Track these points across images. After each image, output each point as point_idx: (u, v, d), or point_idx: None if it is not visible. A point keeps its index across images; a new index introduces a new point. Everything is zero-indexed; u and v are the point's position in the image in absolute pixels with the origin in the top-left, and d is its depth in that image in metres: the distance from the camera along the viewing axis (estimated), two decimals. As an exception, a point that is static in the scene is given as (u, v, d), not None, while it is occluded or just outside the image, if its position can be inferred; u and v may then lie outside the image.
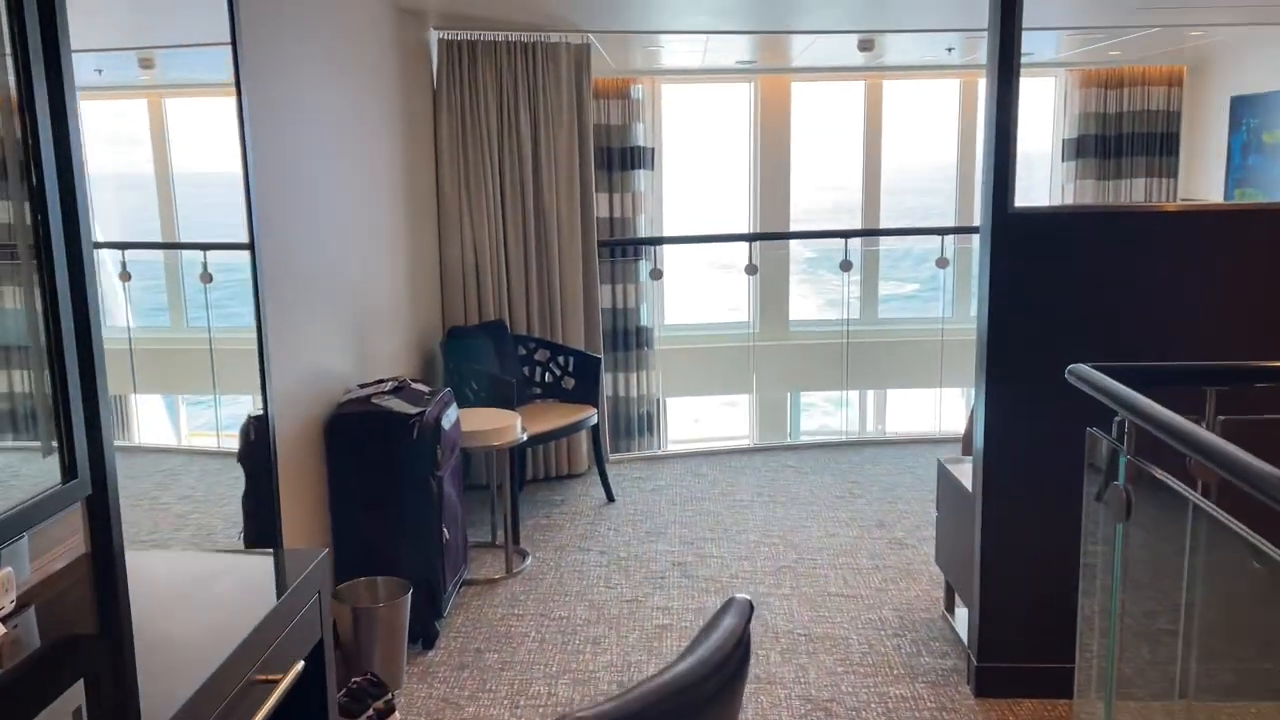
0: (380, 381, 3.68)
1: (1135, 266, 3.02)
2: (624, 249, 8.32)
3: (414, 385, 3.72)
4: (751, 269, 5.96)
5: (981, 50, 7.20)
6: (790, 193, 8.52)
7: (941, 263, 5.94)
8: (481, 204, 5.04)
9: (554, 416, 4.79)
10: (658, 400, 8.58)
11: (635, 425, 8.03)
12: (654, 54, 7.02)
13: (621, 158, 8.17)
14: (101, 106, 2.16)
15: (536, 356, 5.15)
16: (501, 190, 5.11)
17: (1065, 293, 3.04)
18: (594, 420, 4.94)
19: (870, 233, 8.57)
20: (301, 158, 3.25)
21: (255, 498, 2.79)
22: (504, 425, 4.08)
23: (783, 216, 8.51)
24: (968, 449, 5.36)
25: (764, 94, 8.29)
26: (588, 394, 5.01)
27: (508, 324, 5.15)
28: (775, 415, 9.16)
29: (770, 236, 8.41)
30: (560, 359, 5.11)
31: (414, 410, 3.42)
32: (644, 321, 8.60)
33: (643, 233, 8.30)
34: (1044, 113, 8.83)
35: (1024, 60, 3.00)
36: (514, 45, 5.01)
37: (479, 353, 4.75)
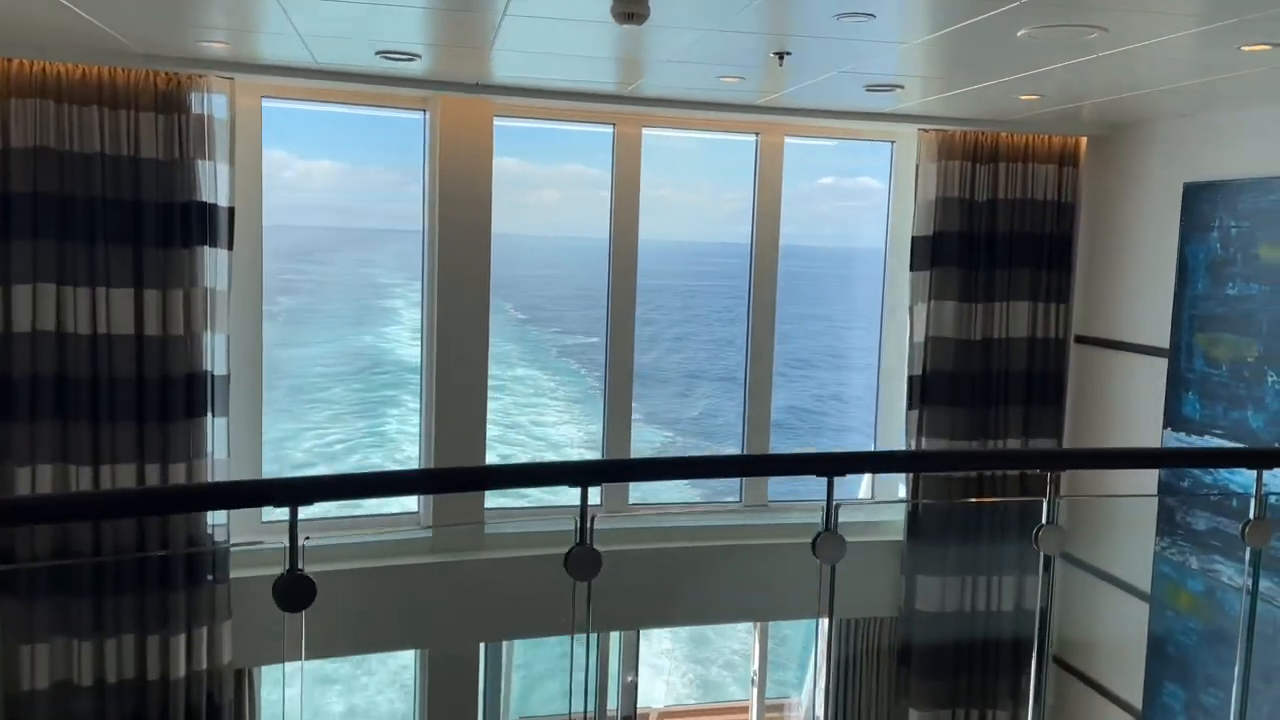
0: None
1: None
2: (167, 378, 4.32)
3: None
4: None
5: (800, 80, 3.98)
6: (489, 313, 4.89)
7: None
8: None
9: None
10: (232, 674, 4.53)
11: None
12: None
13: (166, 222, 4.23)
14: None
15: None
16: None
17: None
18: None
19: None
20: None
21: None
22: None
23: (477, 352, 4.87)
24: None
25: (444, 123, 4.71)
26: None
27: None
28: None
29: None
30: None
31: None
32: (211, 527, 4.56)
33: (211, 362, 4.34)
34: (876, 192, 5.82)
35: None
36: None
37: None
